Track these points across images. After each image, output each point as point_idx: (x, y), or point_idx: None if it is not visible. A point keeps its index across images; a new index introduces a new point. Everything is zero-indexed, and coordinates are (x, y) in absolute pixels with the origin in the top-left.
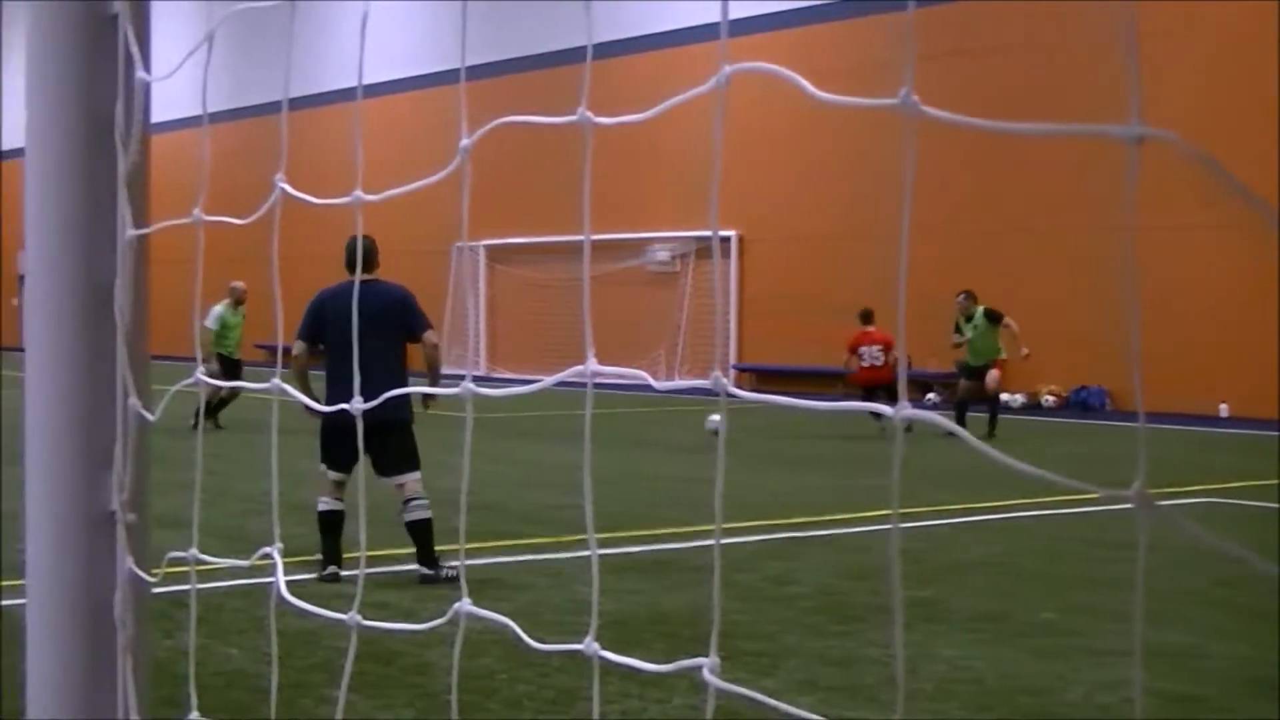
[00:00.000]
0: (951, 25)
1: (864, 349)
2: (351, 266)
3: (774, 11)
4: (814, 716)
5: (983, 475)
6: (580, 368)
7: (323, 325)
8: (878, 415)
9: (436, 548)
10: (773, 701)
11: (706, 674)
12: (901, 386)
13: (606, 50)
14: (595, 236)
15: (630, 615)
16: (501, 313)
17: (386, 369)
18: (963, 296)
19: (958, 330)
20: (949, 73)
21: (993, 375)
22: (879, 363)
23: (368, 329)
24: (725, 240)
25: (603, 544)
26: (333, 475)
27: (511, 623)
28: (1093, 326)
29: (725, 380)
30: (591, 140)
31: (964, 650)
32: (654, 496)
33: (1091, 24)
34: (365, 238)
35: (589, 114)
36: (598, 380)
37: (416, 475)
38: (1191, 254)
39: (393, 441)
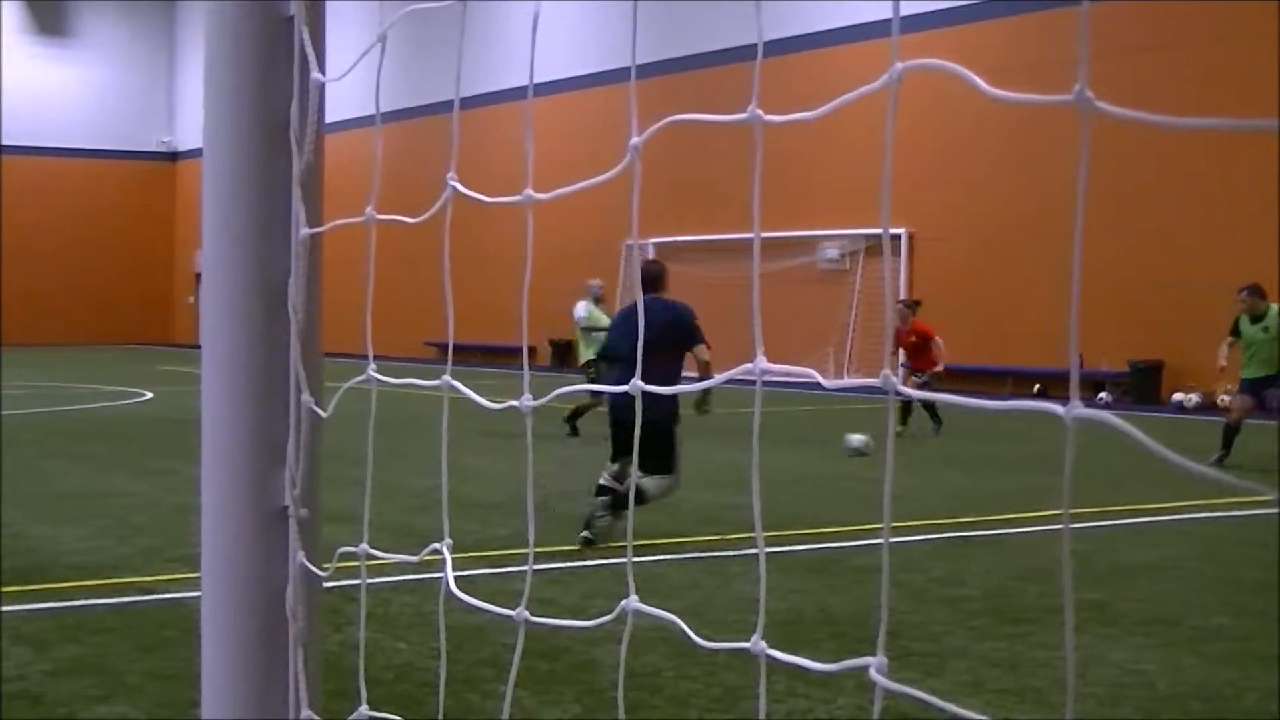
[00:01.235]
0: (1123, 21)
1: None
2: (645, 287)
3: (945, 8)
4: (982, 718)
5: (1153, 476)
6: (749, 365)
7: (618, 338)
8: (905, 417)
9: (609, 544)
10: (940, 702)
11: (874, 673)
12: (1074, 386)
13: (777, 48)
14: (765, 234)
15: (797, 614)
16: None
17: (660, 377)
18: (1245, 291)
19: (1235, 332)
20: (1121, 70)
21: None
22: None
23: (649, 340)
24: (895, 238)
25: (770, 543)
26: (610, 466)
27: (679, 620)
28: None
29: (894, 379)
30: (762, 138)
31: (1134, 654)
32: (821, 495)
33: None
34: (654, 263)
35: (760, 112)
36: (767, 378)
37: (671, 479)
38: None
39: (653, 441)
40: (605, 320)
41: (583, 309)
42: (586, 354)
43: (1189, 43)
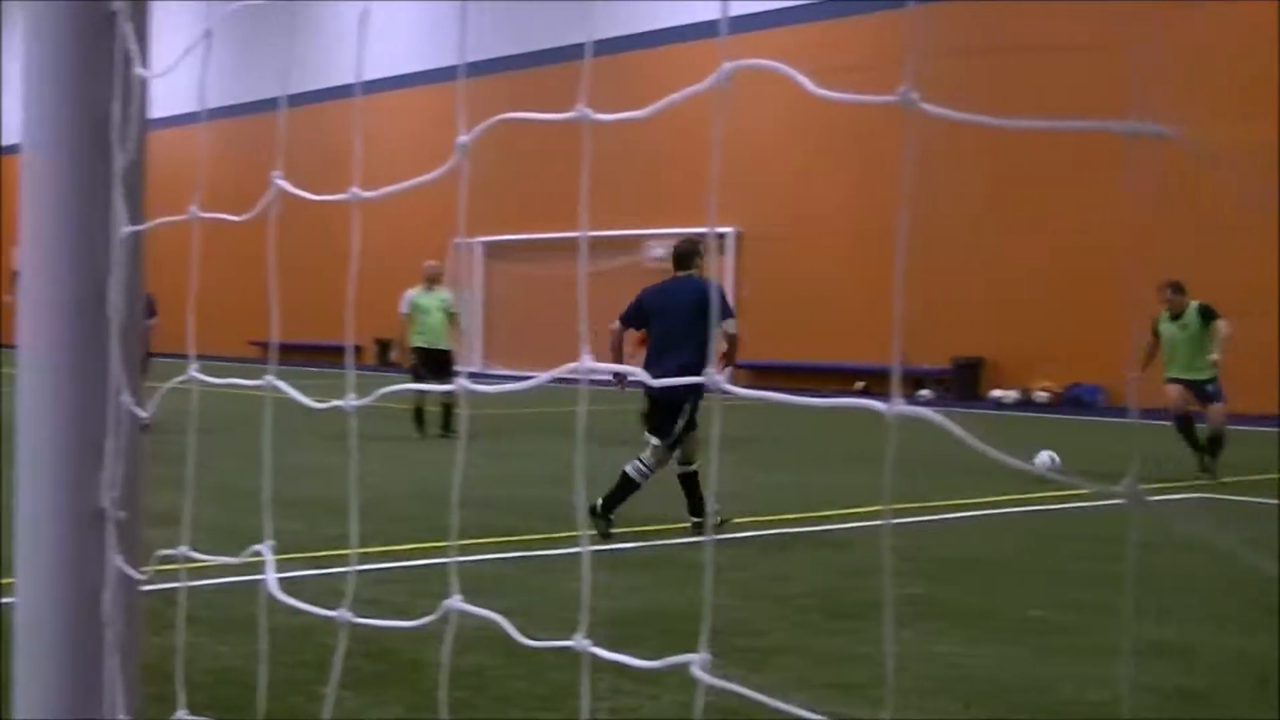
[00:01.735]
0: (957, 22)
1: None
2: (677, 265)
3: (775, 9)
4: (804, 713)
5: (976, 471)
6: (576, 364)
7: (641, 314)
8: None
9: (434, 544)
10: (763, 697)
11: (696, 670)
12: (895, 383)
13: (608, 47)
14: (593, 233)
15: (626, 612)
16: (499, 309)
17: (691, 350)
18: (1170, 289)
19: (1156, 333)
20: (954, 71)
21: (1221, 408)
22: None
23: (678, 317)
24: (723, 236)
25: (597, 540)
26: (653, 441)
27: (502, 619)
28: (1088, 322)
29: (719, 377)
30: (591, 137)
31: (956, 647)
32: (650, 493)
33: (1100, 21)
34: (689, 240)
35: (588, 111)
36: (593, 376)
37: (679, 450)
38: (1189, 253)
39: (683, 413)
40: (436, 303)
41: (408, 296)
42: (417, 343)
43: (1018, 44)
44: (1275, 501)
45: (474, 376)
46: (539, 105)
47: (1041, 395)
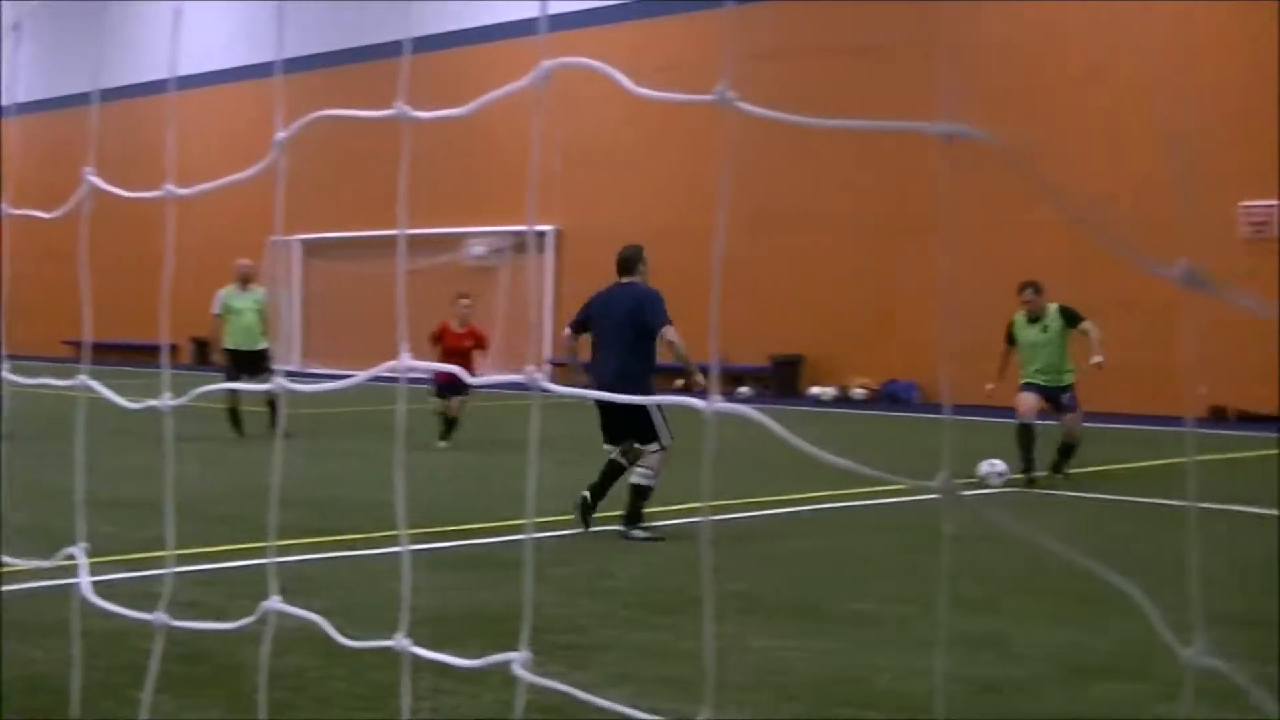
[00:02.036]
0: (779, 23)
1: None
2: (621, 271)
3: (594, 8)
4: (624, 708)
5: (796, 467)
6: (395, 363)
7: (586, 319)
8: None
9: (252, 545)
10: (584, 695)
11: (517, 668)
12: (713, 380)
13: (426, 44)
14: (412, 231)
15: (446, 611)
16: (318, 307)
17: (628, 357)
18: (1030, 289)
19: (1010, 338)
20: (779, 72)
21: (1077, 417)
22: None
23: (616, 324)
24: (542, 235)
25: (419, 539)
26: (607, 448)
27: (321, 620)
28: (903, 320)
29: (539, 375)
30: (410, 134)
31: (776, 641)
32: (473, 491)
33: (921, 24)
34: (632, 247)
35: (407, 108)
36: (413, 375)
37: (660, 449)
38: (1002, 250)
39: (635, 417)
40: (250, 303)
41: (220, 296)
42: (228, 344)
43: (837, 46)
44: (1082, 495)
45: (292, 375)
46: (357, 102)
47: (859, 392)
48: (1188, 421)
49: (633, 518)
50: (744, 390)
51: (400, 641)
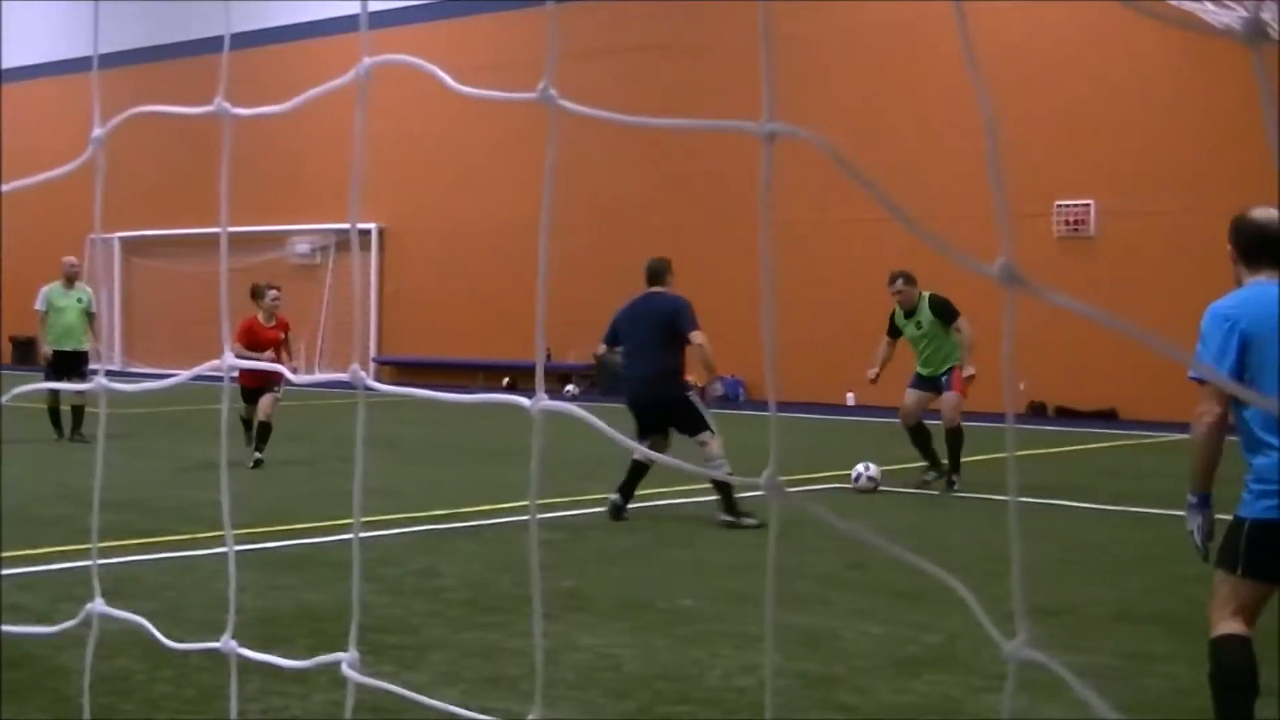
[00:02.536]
0: (606, 22)
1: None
2: (650, 281)
3: (417, 5)
4: (455, 708)
5: (620, 465)
6: (218, 361)
7: (616, 332)
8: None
9: (76, 547)
10: (414, 695)
11: (346, 669)
12: (539, 379)
13: (248, 40)
14: (235, 229)
15: (275, 612)
16: (139, 306)
17: (660, 361)
18: (898, 280)
19: (892, 331)
20: (605, 70)
21: (950, 400)
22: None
23: (651, 330)
24: (366, 233)
25: (246, 540)
26: (641, 442)
27: (146, 622)
28: (729, 318)
29: (364, 374)
30: (230, 131)
31: (606, 638)
32: (299, 491)
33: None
34: (660, 259)
35: (227, 105)
36: (236, 374)
37: (710, 434)
38: (818, 247)
39: (679, 413)
40: (73, 302)
41: (44, 293)
42: (49, 343)
43: (663, 44)
44: (902, 490)
45: (114, 375)
46: (177, 99)
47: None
48: (1008, 417)
49: (732, 508)
50: (571, 389)
51: (228, 643)
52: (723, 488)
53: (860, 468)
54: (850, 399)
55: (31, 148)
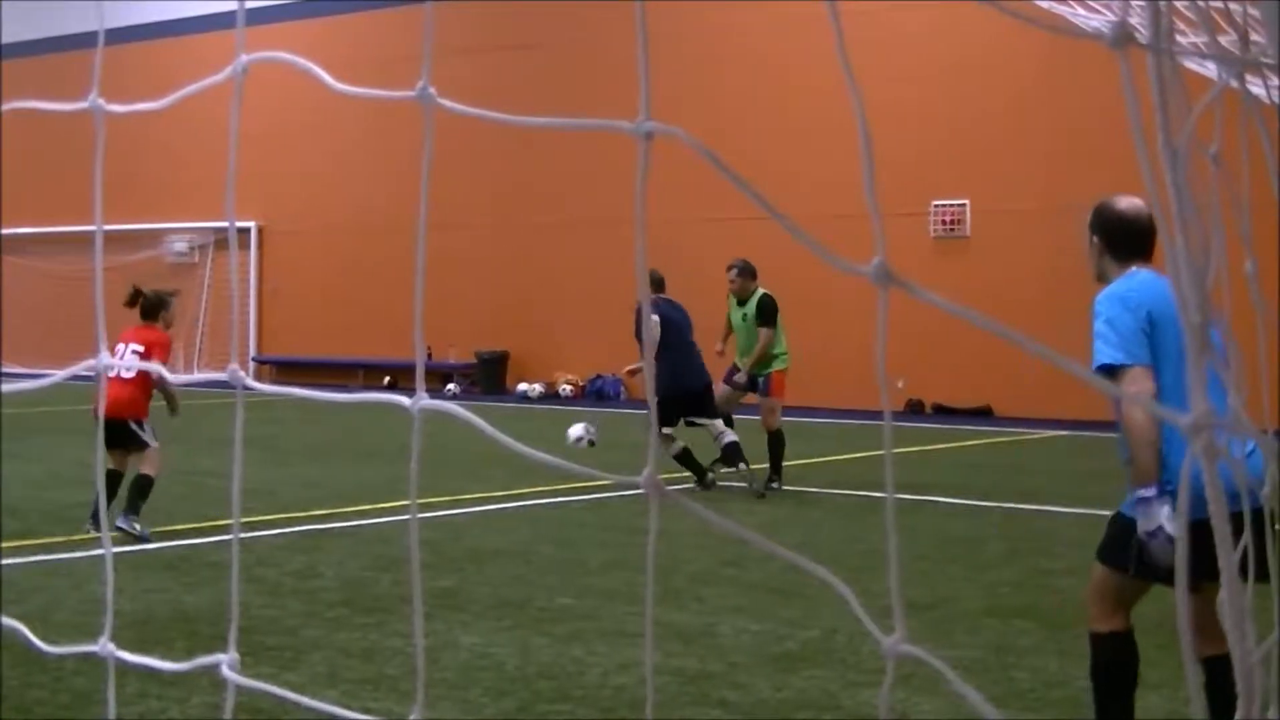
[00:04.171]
0: (481, 20)
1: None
2: (657, 289)
3: (296, 2)
4: (335, 709)
5: (498, 464)
6: (93, 361)
7: (665, 331)
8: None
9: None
10: (294, 695)
11: (225, 670)
12: (419, 378)
13: (121, 36)
14: (110, 227)
15: (151, 614)
16: (12, 305)
17: (700, 356)
18: (732, 270)
19: (730, 322)
20: (484, 67)
21: (768, 404)
22: (128, 374)
23: (688, 332)
24: (245, 231)
25: (119, 541)
26: (666, 430)
27: (21, 626)
28: (609, 317)
29: (243, 373)
30: (105, 128)
31: (485, 637)
32: (175, 492)
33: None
34: (655, 270)
35: (101, 101)
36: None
37: (717, 420)
38: (701, 245)
39: (709, 399)
40: None
41: None
42: None
43: (538, 43)
44: (802, 489)
45: None
46: (49, 95)
47: (565, 388)
48: (885, 415)
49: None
50: (451, 387)
51: (105, 646)
52: (736, 451)
53: (579, 429)
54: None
55: None
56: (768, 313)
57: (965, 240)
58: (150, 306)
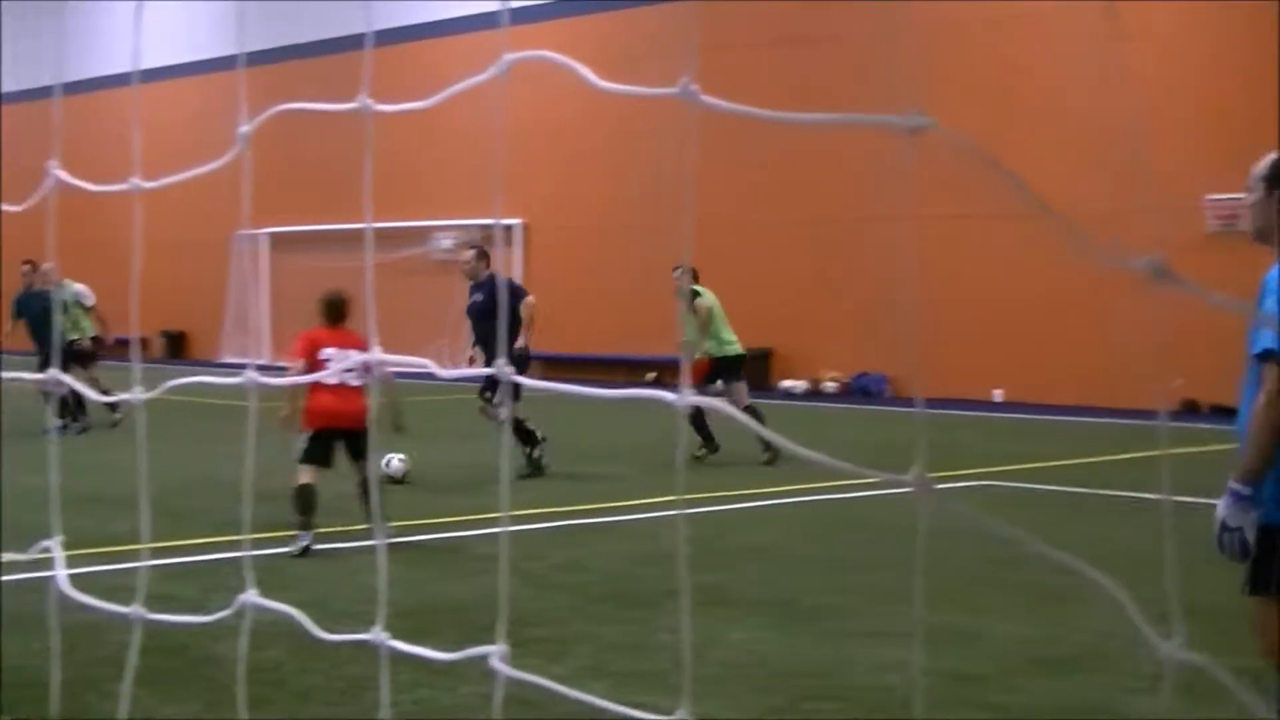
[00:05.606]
0: (741, 16)
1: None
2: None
3: (556, 1)
4: (602, 702)
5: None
6: (365, 356)
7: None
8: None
9: (225, 538)
10: (561, 688)
11: (495, 662)
12: (684, 374)
13: (389, 37)
14: (379, 224)
15: (421, 604)
16: (286, 302)
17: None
18: (678, 271)
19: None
20: (741, 64)
21: (740, 390)
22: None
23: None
24: (509, 228)
25: (393, 533)
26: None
27: (298, 613)
28: (873, 313)
29: (509, 369)
30: (373, 127)
31: (751, 634)
32: (445, 485)
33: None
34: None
35: (369, 101)
36: (390, 370)
37: None
38: (966, 243)
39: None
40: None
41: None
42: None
43: (808, 38)
44: (1049, 488)
45: (263, 370)
46: (314, 97)
47: (829, 385)
48: (1160, 415)
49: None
50: (716, 384)
51: (378, 635)
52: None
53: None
54: (997, 395)
55: (175, 148)
56: (692, 296)
57: (1242, 235)
58: (341, 308)
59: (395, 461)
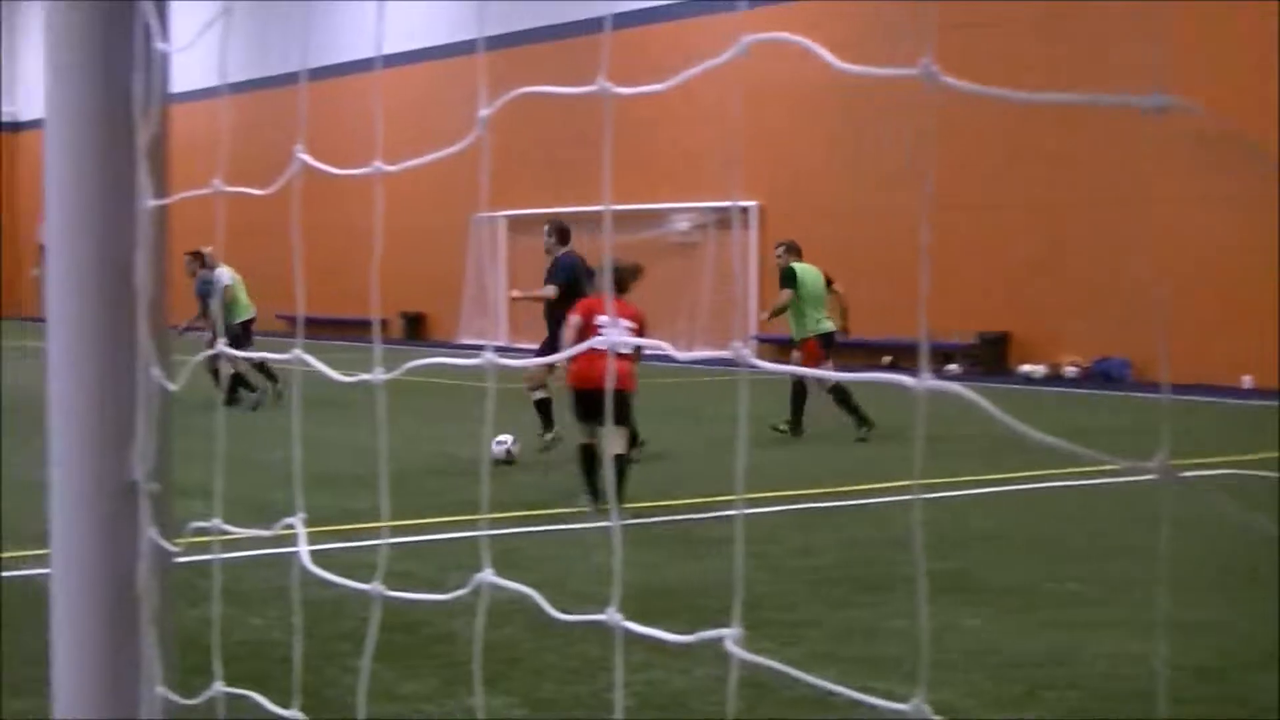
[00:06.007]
0: None
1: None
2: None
3: None
4: (836, 687)
5: (1003, 446)
6: (602, 339)
7: None
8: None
9: (462, 517)
10: (796, 672)
11: (730, 645)
12: (923, 357)
13: (624, 20)
14: (616, 207)
15: (654, 586)
16: (523, 284)
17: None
18: (781, 249)
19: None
20: (971, 44)
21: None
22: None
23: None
24: (745, 210)
25: (628, 515)
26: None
27: (534, 593)
28: (1116, 297)
29: (746, 350)
30: (611, 110)
31: (987, 621)
32: (678, 468)
33: None
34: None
35: (608, 84)
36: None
37: None
38: (1214, 225)
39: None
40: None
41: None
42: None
43: (1035, 18)
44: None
45: (500, 351)
46: (549, 80)
47: (1070, 370)
48: None
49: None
50: (953, 368)
51: (612, 616)
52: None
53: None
54: (1246, 382)
55: (405, 134)
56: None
57: None
58: (623, 278)
59: (495, 445)
